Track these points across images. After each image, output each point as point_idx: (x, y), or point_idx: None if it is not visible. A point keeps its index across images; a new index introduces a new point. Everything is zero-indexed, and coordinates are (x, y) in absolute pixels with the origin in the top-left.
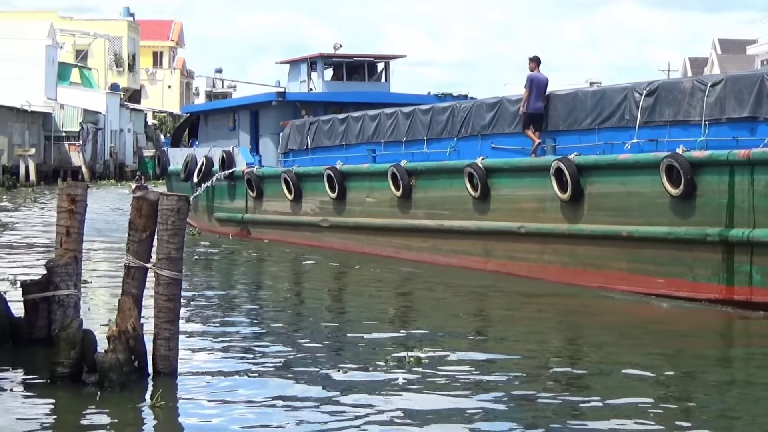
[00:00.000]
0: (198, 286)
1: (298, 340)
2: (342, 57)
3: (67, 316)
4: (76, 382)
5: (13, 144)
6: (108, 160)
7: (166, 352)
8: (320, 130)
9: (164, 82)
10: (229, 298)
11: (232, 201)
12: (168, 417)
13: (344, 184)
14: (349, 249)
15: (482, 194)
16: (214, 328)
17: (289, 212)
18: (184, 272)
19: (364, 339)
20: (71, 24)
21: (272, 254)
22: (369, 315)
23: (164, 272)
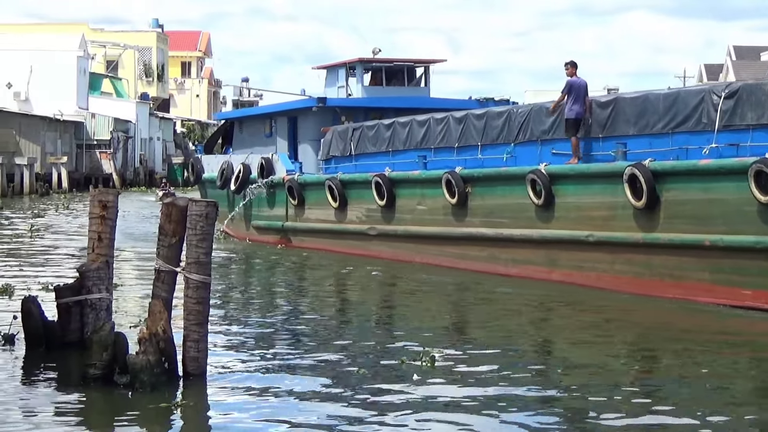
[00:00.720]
0: (235, 291)
1: (332, 346)
2: (381, 62)
3: (99, 319)
4: (107, 383)
5: (46, 152)
6: (138, 168)
7: (196, 354)
8: (364, 136)
9: (192, 91)
10: (265, 304)
11: (272, 209)
12: (197, 417)
13: (393, 192)
14: (398, 258)
15: (546, 201)
16: (245, 331)
17: (333, 220)
18: (223, 278)
19: (408, 350)
20: (102, 35)
21: (315, 262)
22: (419, 325)
23: (193, 276)
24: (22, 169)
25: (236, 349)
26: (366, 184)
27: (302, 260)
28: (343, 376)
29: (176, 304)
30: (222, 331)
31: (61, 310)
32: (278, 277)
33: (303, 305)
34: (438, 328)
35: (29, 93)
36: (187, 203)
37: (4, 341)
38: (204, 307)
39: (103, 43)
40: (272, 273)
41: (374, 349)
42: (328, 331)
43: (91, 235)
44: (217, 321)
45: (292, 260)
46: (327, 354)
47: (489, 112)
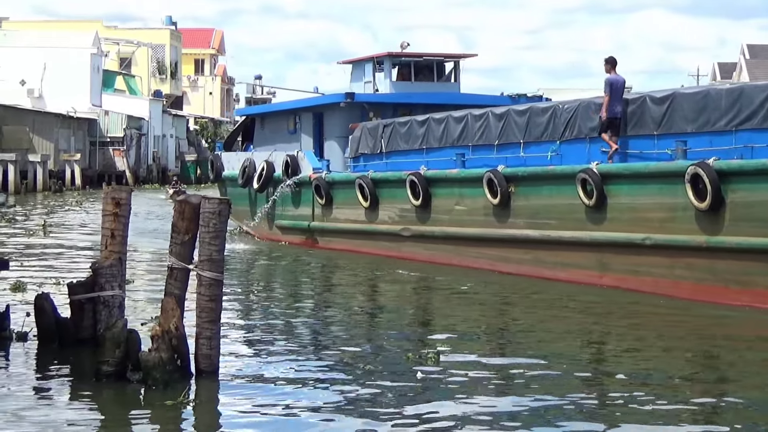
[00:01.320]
0: (255, 289)
1: (353, 349)
2: (410, 56)
3: (112, 316)
4: (120, 380)
5: (60, 149)
6: (151, 165)
7: (208, 351)
8: (396, 132)
9: (205, 88)
10: (286, 303)
11: (297, 208)
12: (209, 414)
13: (429, 191)
14: (434, 260)
15: (598, 202)
16: (261, 329)
17: (363, 220)
18: (245, 278)
19: (440, 361)
20: (115, 33)
21: (343, 264)
22: (454, 330)
23: (206, 273)
24: (35, 166)
25: (250, 346)
26: (400, 183)
27: (330, 261)
28: (361, 379)
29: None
30: (237, 329)
31: (74, 307)
32: (303, 277)
33: (327, 305)
34: (476, 335)
35: (43, 90)
36: (200, 201)
37: (17, 338)
38: (217, 304)
39: (116, 40)
40: (297, 274)
41: (399, 357)
42: (351, 332)
43: (104, 232)
44: (234, 319)
45: (319, 261)
46: (345, 356)
47: (532, 108)
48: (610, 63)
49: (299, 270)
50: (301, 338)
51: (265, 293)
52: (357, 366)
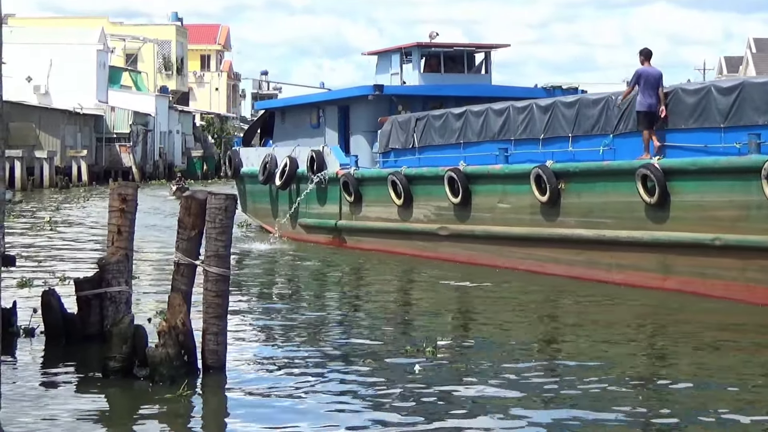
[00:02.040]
0: (279, 289)
1: (370, 350)
2: (440, 47)
3: (118, 312)
4: (127, 376)
5: (66, 146)
6: (157, 161)
7: (215, 347)
8: (430, 126)
9: (212, 84)
10: (308, 302)
11: (323, 206)
12: (216, 410)
13: (469, 188)
14: (474, 261)
15: (660, 200)
16: (273, 326)
17: (396, 219)
18: (265, 279)
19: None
20: (121, 29)
21: (375, 264)
22: (498, 339)
23: (213, 269)
24: (42, 163)
25: (258, 342)
26: (436, 180)
27: (359, 261)
28: (373, 374)
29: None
30: (246, 326)
31: (81, 303)
32: (330, 278)
33: (356, 306)
34: (524, 343)
35: (49, 87)
36: (206, 196)
37: (24, 334)
38: (223, 300)
39: (122, 36)
40: (324, 274)
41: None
42: (377, 333)
43: (110, 228)
44: (248, 317)
45: (348, 261)
46: (359, 356)
47: (582, 100)
48: (644, 55)
49: (326, 270)
50: (319, 337)
51: (287, 291)
52: (373, 366)
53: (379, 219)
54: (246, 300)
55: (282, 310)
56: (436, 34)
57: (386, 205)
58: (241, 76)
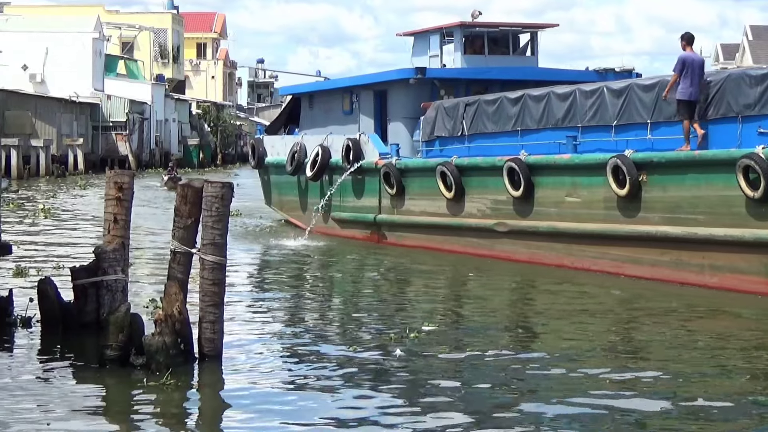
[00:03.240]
0: (313, 285)
1: (384, 352)
2: (484, 26)
3: (115, 300)
4: (124, 364)
5: (62, 134)
6: (154, 149)
7: (212, 335)
8: (482, 112)
9: (208, 72)
10: (338, 297)
11: (359, 199)
12: (213, 398)
13: (532, 180)
14: (536, 260)
15: (766, 194)
16: (276, 317)
17: (445, 213)
18: (296, 277)
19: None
20: (117, 17)
21: (420, 262)
22: (568, 347)
23: (209, 257)
24: (38, 151)
25: (256, 332)
26: (494, 171)
27: (402, 259)
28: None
29: None
30: (246, 316)
31: (78, 291)
32: (369, 276)
33: (399, 307)
34: (601, 360)
35: (45, 75)
36: (202, 184)
37: (21, 324)
38: (220, 288)
39: (118, 24)
40: (362, 272)
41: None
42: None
43: (107, 216)
44: (248, 306)
45: (389, 259)
46: (366, 353)
47: (662, 83)
48: (686, 39)
49: (362, 267)
50: (325, 331)
51: (315, 286)
52: (376, 358)
53: (425, 213)
54: (259, 293)
55: (304, 305)
56: (479, 13)
57: (433, 198)
58: (237, 64)
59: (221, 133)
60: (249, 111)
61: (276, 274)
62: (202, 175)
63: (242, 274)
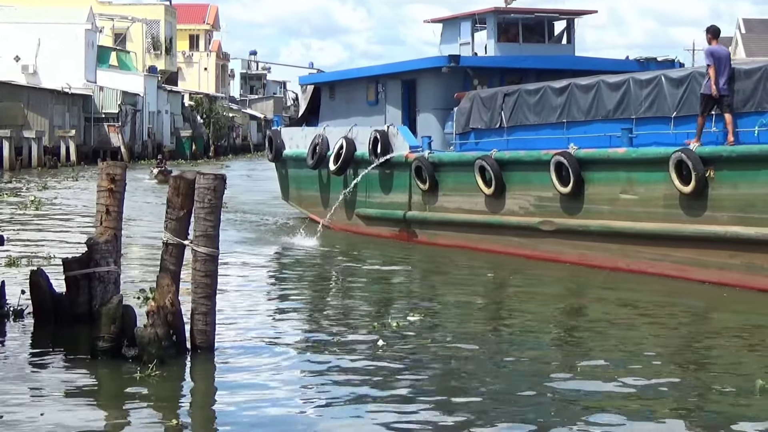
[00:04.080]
0: (339, 285)
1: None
2: (519, 12)
3: (107, 292)
4: (116, 356)
5: (54, 125)
6: (146, 141)
7: (204, 327)
8: (523, 103)
9: (200, 64)
10: (360, 295)
11: (387, 194)
12: (204, 390)
13: (582, 175)
14: (586, 262)
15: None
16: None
17: (483, 210)
18: (319, 276)
19: None
20: (110, 8)
21: (456, 262)
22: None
23: (201, 249)
24: (30, 143)
25: (248, 324)
26: (539, 165)
27: (435, 258)
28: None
29: None
30: (241, 307)
31: (70, 283)
32: (395, 273)
33: (433, 310)
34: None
35: (37, 66)
36: (195, 176)
37: (14, 316)
38: (212, 280)
39: (111, 16)
40: (386, 269)
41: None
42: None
43: (99, 208)
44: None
45: (419, 257)
46: (359, 341)
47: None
48: (712, 33)
49: (390, 266)
50: (323, 323)
51: (338, 281)
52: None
53: (461, 210)
54: (268, 288)
55: (312, 302)
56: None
57: (470, 194)
58: (230, 56)
59: (214, 125)
60: (242, 103)
61: (291, 270)
62: (194, 167)
63: (257, 272)
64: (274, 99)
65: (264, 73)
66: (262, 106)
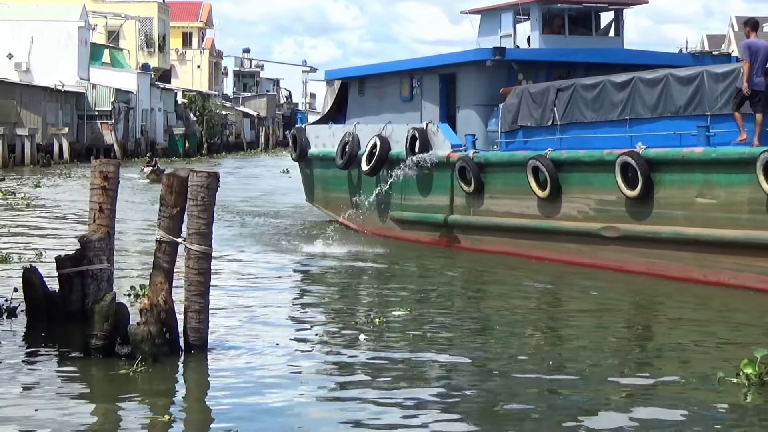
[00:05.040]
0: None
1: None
2: (566, 2)
3: (100, 289)
4: (109, 353)
5: (48, 123)
6: (139, 139)
7: (197, 325)
8: (579, 98)
9: (194, 62)
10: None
11: (426, 196)
12: (197, 387)
13: (651, 177)
14: (655, 272)
15: None
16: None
17: (536, 215)
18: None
19: None
20: (103, 6)
21: (507, 269)
22: None
23: (195, 246)
24: (23, 140)
25: (243, 323)
26: (601, 166)
27: (479, 266)
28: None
29: None
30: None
31: (63, 280)
32: (438, 281)
33: (487, 319)
34: None
35: (30, 64)
36: (188, 174)
37: (7, 313)
38: (206, 277)
39: (104, 13)
40: (431, 277)
41: None
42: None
43: (92, 205)
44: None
45: (463, 265)
46: (348, 340)
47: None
48: (751, 25)
49: (435, 272)
50: (315, 322)
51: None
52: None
53: (510, 215)
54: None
55: (325, 307)
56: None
57: (522, 196)
58: (223, 54)
59: (207, 123)
60: (235, 100)
61: (316, 277)
62: (188, 164)
63: (278, 273)
64: (267, 97)
65: (257, 71)
66: (256, 104)
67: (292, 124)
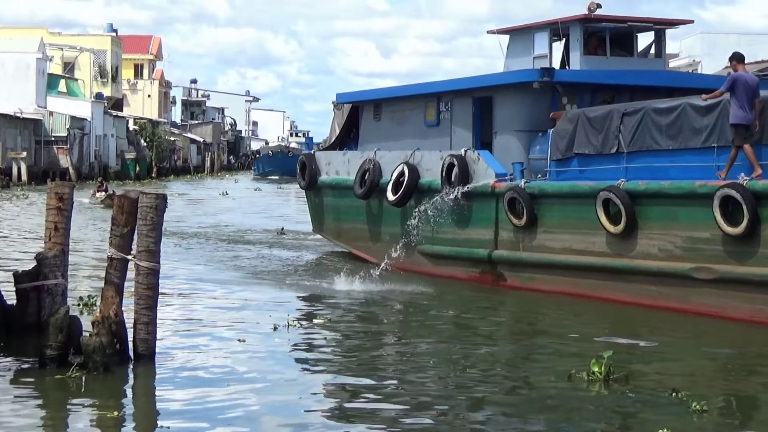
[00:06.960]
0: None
1: None
2: (609, 21)
3: (55, 303)
4: (63, 363)
5: (7, 147)
6: (93, 162)
7: (146, 336)
8: (650, 123)
9: (144, 91)
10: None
11: (463, 229)
12: (146, 394)
13: (758, 212)
14: (765, 320)
15: None
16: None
17: (605, 252)
18: None
19: None
20: (59, 39)
21: (570, 312)
22: None
23: (143, 263)
24: None
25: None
26: (692, 200)
27: (536, 309)
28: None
29: None
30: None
31: (20, 295)
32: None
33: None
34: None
35: None
36: (138, 195)
37: None
38: (154, 292)
39: (60, 45)
40: (483, 320)
41: None
42: None
43: (48, 225)
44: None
45: (518, 306)
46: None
47: None
48: (737, 59)
49: (488, 315)
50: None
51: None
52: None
53: (572, 251)
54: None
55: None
56: (596, 5)
57: (586, 231)
58: (171, 84)
59: (156, 148)
60: (182, 127)
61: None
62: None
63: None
64: (213, 124)
65: (203, 100)
66: (202, 131)
67: (237, 149)
